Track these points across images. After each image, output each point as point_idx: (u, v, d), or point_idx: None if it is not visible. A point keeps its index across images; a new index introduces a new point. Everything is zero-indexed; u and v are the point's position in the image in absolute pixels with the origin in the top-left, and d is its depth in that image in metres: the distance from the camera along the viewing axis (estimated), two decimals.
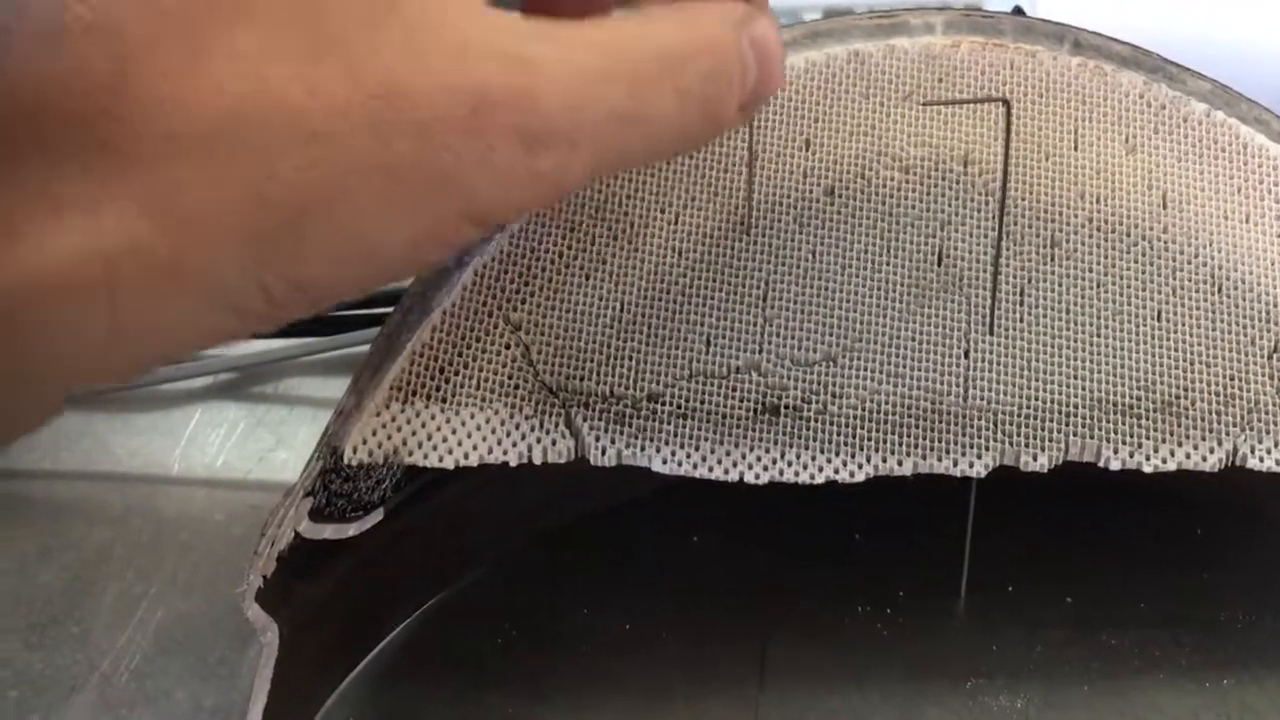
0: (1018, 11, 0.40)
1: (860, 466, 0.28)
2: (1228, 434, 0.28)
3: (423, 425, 0.28)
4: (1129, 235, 0.30)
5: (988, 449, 0.28)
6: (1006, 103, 0.27)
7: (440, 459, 0.28)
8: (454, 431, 0.28)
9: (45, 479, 0.39)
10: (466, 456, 0.28)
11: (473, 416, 0.29)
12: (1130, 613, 0.32)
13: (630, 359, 0.29)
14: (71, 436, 0.41)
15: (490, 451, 0.28)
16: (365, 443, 0.28)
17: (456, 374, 0.29)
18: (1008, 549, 0.33)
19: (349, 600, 0.29)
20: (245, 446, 0.40)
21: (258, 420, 0.41)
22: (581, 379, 0.29)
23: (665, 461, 0.28)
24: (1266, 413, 0.28)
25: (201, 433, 0.41)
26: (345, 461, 0.28)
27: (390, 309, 0.46)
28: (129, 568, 0.34)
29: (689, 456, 0.28)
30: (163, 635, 0.31)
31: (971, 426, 0.28)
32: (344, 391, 0.29)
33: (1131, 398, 0.29)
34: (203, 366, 0.43)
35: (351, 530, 0.28)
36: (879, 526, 0.34)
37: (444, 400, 0.29)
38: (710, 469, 0.28)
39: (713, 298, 0.30)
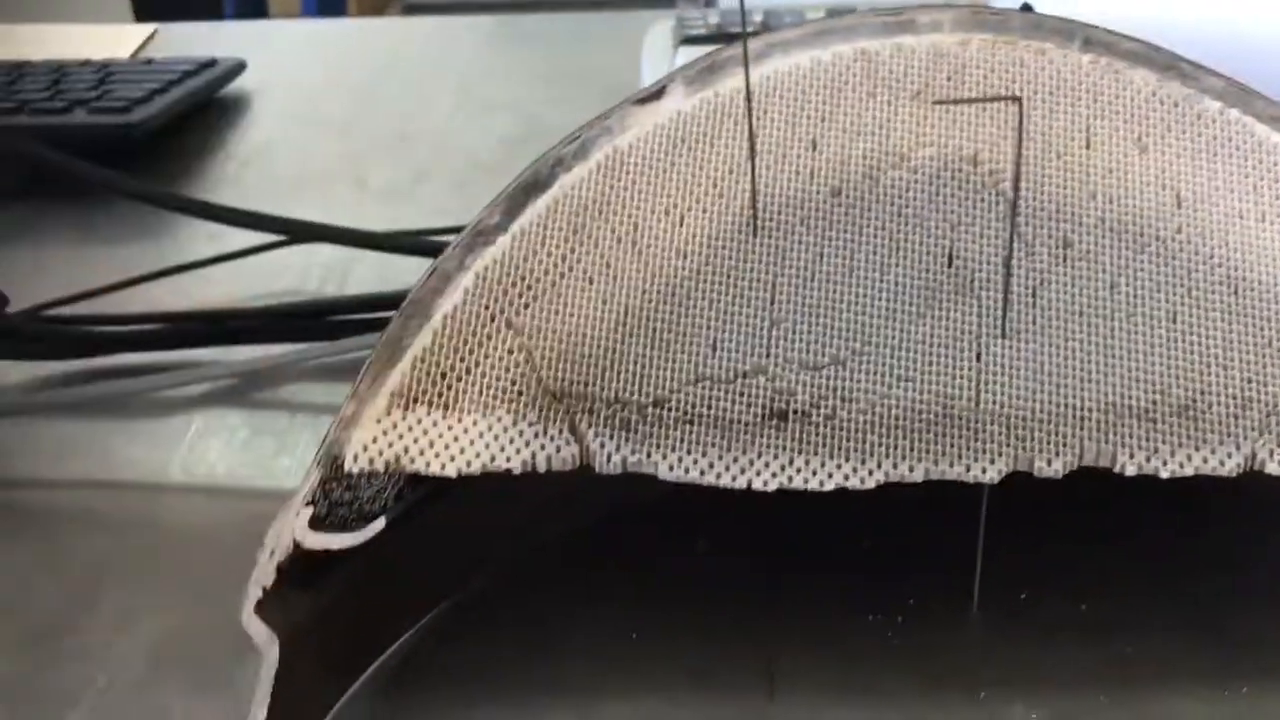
0: (1025, 8, 0.39)
1: (870, 473, 0.28)
2: (1245, 438, 0.28)
3: (424, 432, 0.28)
4: (1142, 235, 0.29)
5: (1001, 454, 0.28)
6: (1019, 101, 0.27)
7: (443, 467, 0.28)
8: (456, 439, 0.28)
9: (45, 488, 0.38)
10: (469, 464, 0.28)
11: (475, 423, 0.28)
12: (1146, 619, 0.31)
13: (635, 363, 0.29)
14: (70, 444, 0.40)
15: (494, 459, 0.28)
16: (366, 450, 0.28)
17: (459, 380, 0.28)
18: (1020, 554, 0.33)
19: (350, 611, 0.29)
20: (246, 454, 0.39)
21: (258, 427, 0.41)
22: (586, 384, 0.28)
23: (672, 469, 0.28)
24: None
25: (201, 440, 0.40)
26: (346, 470, 0.28)
27: (389, 313, 0.45)
28: (128, 578, 0.33)
29: (696, 463, 0.28)
30: (161, 647, 0.31)
31: (984, 431, 0.28)
32: (344, 398, 0.29)
33: (1147, 401, 0.28)
34: (202, 373, 0.42)
35: (353, 540, 0.27)
36: (889, 532, 0.34)
37: (446, 407, 0.28)
38: (718, 476, 0.28)
39: (718, 301, 0.29)
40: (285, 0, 1.75)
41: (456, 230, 0.51)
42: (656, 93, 0.32)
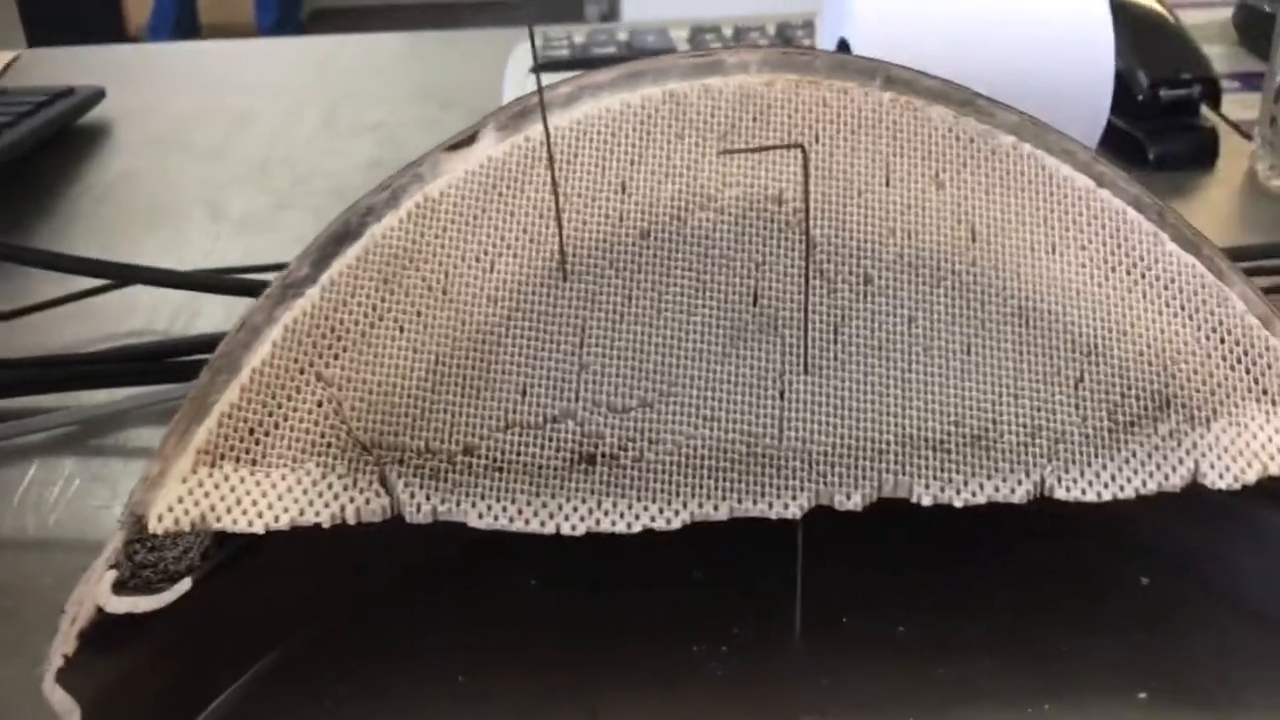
0: (843, 45, 0.40)
1: (677, 513, 0.28)
2: (1035, 465, 0.29)
3: (232, 489, 0.28)
4: (938, 270, 0.30)
5: (802, 490, 0.28)
6: (803, 149, 0.27)
7: (250, 523, 0.28)
8: (265, 494, 0.28)
9: None
10: (277, 519, 0.28)
11: (284, 478, 0.28)
12: (959, 642, 0.32)
13: (445, 412, 0.29)
14: None
15: (302, 513, 0.28)
16: (171, 510, 0.28)
17: (267, 434, 0.28)
18: (844, 580, 0.33)
19: (164, 672, 0.29)
20: (80, 504, 0.39)
21: (94, 475, 0.40)
22: (396, 434, 0.29)
23: (481, 516, 0.28)
24: (1072, 443, 0.29)
25: (36, 490, 0.40)
26: (150, 530, 0.27)
27: None
28: None
29: (505, 510, 0.28)
30: None
31: (786, 468, 0.28)
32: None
33: (942, 432, 0.29)
34: (41, 422, 0.42)
35: (158, 602, 0.27)
36: (720, 562, 0.34)
37: (254, 462, 0.28)
38: (526, 522, 0.28)
39: (528, 346, 0.29)
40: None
41: (277, 268, 0.51)
42: (468, 138, 0.32)
